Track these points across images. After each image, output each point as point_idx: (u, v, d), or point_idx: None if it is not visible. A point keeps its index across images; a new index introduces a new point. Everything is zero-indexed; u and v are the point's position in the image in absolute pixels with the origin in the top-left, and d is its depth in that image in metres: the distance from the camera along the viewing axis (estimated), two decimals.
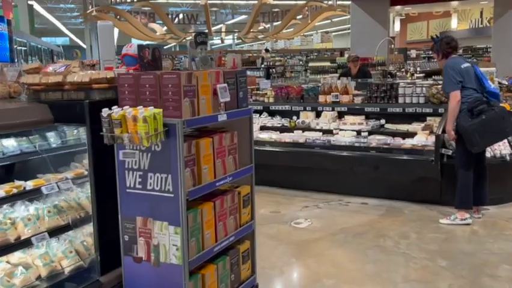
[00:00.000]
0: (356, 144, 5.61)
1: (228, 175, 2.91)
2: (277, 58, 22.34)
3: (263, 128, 6.42)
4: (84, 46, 33.10)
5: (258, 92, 6.97)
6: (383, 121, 5.98)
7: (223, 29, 27.43)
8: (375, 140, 5.56)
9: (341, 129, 5.95)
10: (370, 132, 5.76)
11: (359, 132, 5.78)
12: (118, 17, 22.21)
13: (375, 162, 5.48)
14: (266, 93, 6.79)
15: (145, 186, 2.60)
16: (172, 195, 2.52)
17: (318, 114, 6.32)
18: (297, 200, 5.68)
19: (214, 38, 30.43)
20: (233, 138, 2.97)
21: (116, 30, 26.60)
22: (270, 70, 16.08)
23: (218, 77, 2.80)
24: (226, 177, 2.88)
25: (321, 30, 28.30)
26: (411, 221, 4.94)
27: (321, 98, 6.32)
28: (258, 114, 6.70)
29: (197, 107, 2.60)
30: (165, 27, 22.14)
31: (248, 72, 17.41)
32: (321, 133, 6.01)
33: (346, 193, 5.73)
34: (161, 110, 2.43)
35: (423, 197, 5.33)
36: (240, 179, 3.11)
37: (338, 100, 6.20)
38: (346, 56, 16.04)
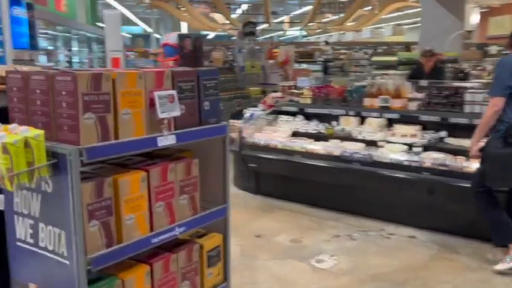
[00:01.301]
0: (406, 163, 4.46)
1: (178, 224, 1.98)
2: (342, 51, 20.99)
3: (296, 134, 5.41)
4: (159, 36, 33.18)
5: (293, 91, 5.95)
6: (443, 134, 4.76)
7: (286, 20, 26.40)
8: (431, 159, 4.37)
9: (388, 142, 4.81)
10: (425, 148, 4.58)
11: (410, 147, 4.61)
12: (179, 6, 21.88)
13: (429, 187, 4.32)
14: (303, 93, 5.76)
15: (37, 242, 1.74)
16: (67, 261, 1.63)
17: (362, 121, 5.21)
18: (326, 224, 4.64)
19: (278, 29, 29.51)
20: (190, 170, 2.03)
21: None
22: (328, 64, 14.88)
23: (160, 79, 1.85)
24: (173, 228, 1.96)
25: (393, 23, 26.44)
26: (470, 269, 3.75)
27: (367, 101, 5.20)
28: (292, 117, 5.68)
29: (113, 126, 1.68)
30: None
31: (304, 66, 16.35)
32: (363, 144, 4.90)
33: (390, 220, 4.61)
34: (41, 132, 1.54)
35: (487, 234, 4.09)
36: (207, 225, 2.17)
37: (387, 104, 5.05)
38: (415, 51, 14.49)
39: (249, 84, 11.02)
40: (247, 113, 6.02)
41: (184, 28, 35.16)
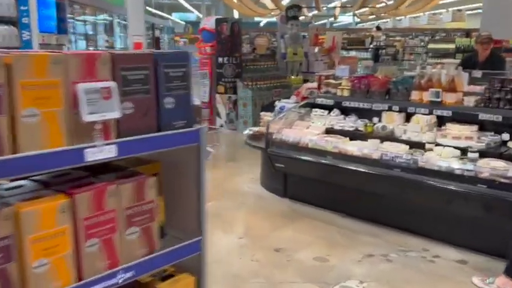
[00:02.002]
0: (458, 172, 3.71)
1: (124, 268, 1.43)
2: (397, 38, 19.82)
3: (330, 131, 4.75)
4: None
5: (331, 81, 5.26)
6: (505, 137, 3.96)
7: (338, 5, 25.31)
8: (489, 168, 3.61)
9: (438, 144, 4.07)
10: (483, 153, 3.81)
11: (464, 152, 3.86)
12: None
13: (485, 202, 3.57)
14: (341, 84, 5.07)
15: None
16: None
17: (408, 118, 4.48)
18: (359, 240, 3.98)
19: (329, 15, 28.42)
20: (142, 192, 1.47)
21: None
22: (380, 51, 13.93)
23: (90, 65, 1.29)
24: (115, 273, 1.41)
25: (453, 8, 24.75)
26: None
27: (415, 95, 4.46)
28: (327, 111, 5.02)
29: (8, 133, 1.15)
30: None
31: (353, 53, 15.46)
32: (407, 147, 4.18)
33: (435, 239, 3.89)
34: None
35: None
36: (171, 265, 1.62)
37: (439, 99, 4.29)
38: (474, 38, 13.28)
39: (290, 73, 10.37)
40: (278, 105, 5.42)
41: (236, 15, 34.69)
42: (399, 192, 4.03)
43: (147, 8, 23.90)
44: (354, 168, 4.20)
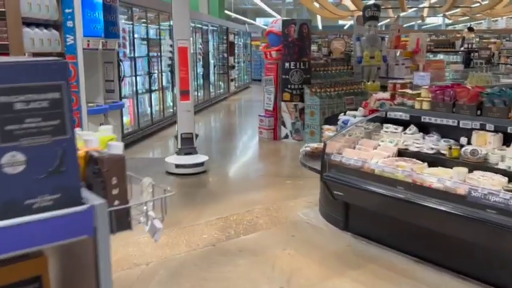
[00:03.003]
0: None
1: None
2: (491, 40, 17.90)
3: (403, 154, 3.82)
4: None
5: (407, 91, 4.30)
6: None
7: (427, 5, 23.51)
8: None
9: None
10: None
11: None
12: None
13: None
14: (419, 94, 4.11)
15: None
16: None
17: (507, 140, 3.44)
18: None
19: (416, 17, 26.60)
20: None
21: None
22: (472, 54, 12.39)
23: None
24: None
25: None
26: None
27: None
28: (401, 128, 4.08)
29: None
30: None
31: (440, 56, 13.98)
32: (505, 179, 3.16)
33: None
34: None
35: None
36: None
37: None
38: None
39: (366, 78, 9.36)
40: (341, 118, 4.56)
41: (318, 19, 33.77)
42: (495, 241, 3.02)
43: (226, 12, 23.86)
44: (433, 206, 3.24)
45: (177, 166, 6.05)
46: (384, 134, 4.14)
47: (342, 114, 4.86)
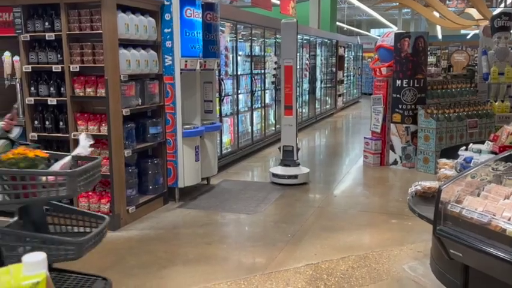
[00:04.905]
0: None
1: None
2: None
3: None
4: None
5: None
6: None
7: None
8: None
9: None
10: None
11: None
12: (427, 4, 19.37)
13: None
14: None
15: None
16: None
17: None
18: None
19: None
20: None
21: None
22: None
23: None
24: None
25: None
26: None
27: None
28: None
29: None
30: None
31: None
32: None
33: None
34: None
35: None
36: None
37: None
38: None
39: (493, 98, 8.17)
40: (462, 155, 3.75)
41: (438, 30, 31.56)
42: None
43: (338, 23, 23.18)
44: None
45: (274, 175, 6.57)
46: None
47: (464, 148, 4.03)
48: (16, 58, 4.81)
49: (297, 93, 7.81)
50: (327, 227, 4.82)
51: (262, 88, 9.42)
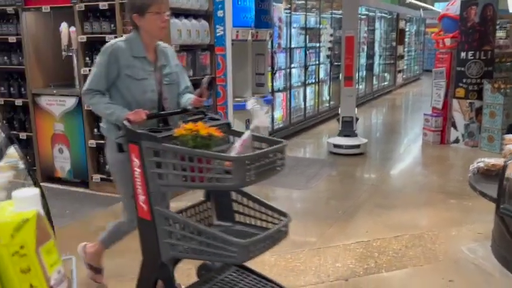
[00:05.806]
0: None
1: None
2: None
3: None
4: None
5: None
6: None
7: None
8: None
9: None
10: None
11: None
12: None
13: None
14: None
15: None
16: None
17: None
18: None
19: None
20: None
21: None
22: None
23: None
24: None
25: None
26: None
27: None
28: None
29: None
30: None
31: None
32: None
33: None
34: None
35: None
36: None
37: None
38: None
39: None
40: None
41: (510, 2, 29.37)
42: None
43: None
44: None
45: (335, 146, 6.59)
46: None
47: None
48: (72, 29, 4.88)
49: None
50: (380, 204, 4.61)
51: (317, 62, 9.15)
